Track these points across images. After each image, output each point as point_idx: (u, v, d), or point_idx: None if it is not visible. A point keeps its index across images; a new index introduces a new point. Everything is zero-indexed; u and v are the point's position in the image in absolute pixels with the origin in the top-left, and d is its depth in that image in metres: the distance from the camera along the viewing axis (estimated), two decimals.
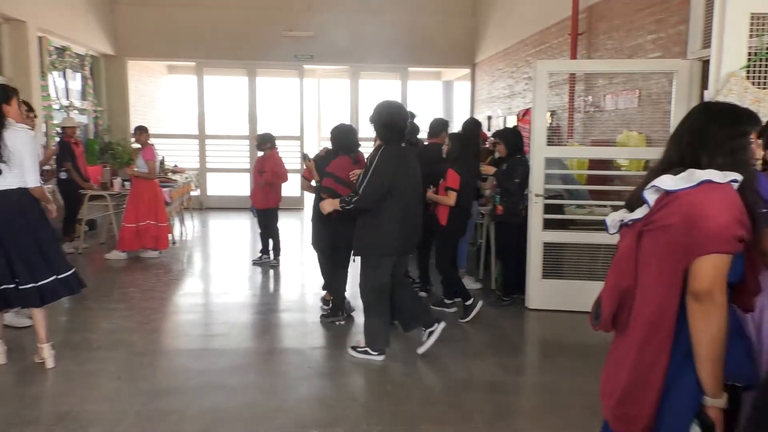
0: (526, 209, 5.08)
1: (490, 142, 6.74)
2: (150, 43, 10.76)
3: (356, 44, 10.92)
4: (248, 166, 11.01)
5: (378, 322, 4.09)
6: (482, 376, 3.85)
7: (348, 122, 5.62)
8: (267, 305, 5.41)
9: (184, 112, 13.26)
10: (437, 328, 4.14)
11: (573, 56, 6.66)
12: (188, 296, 5.74)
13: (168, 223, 7.30)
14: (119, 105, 10.77)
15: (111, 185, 7.47)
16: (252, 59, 11.09)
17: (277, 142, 6.78)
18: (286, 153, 6.98)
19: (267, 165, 6.61)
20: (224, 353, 4.15)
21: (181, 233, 8.67)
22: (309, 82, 12.01)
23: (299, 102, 11.39)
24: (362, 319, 4.22)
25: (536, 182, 4.98)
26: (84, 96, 9.91)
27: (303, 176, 5.45)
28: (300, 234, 9.06)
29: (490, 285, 5.85)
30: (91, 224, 8.23)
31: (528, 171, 5.03)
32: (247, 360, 4.09)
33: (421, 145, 5.83)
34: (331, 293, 4.94)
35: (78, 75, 9.74)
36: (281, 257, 6.91)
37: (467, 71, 11.71)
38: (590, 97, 6.53)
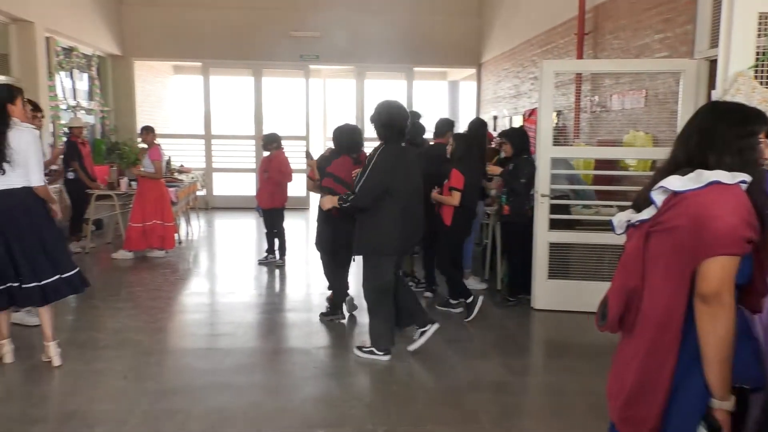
0: (532, 209, 5.07)
1: (497, 142, 6.73)
2: (156, 44, 10.81)
3: (362, 44, 10.93)
4: (254, 166, 11.03)
5: (382, 322, 4.08)
6: (488, 377, 3.85)
7: (353, 122, 5.62)
8: (273, 305, 5.42)
9: (191, 112, 13.29)
10: (430, 329, 4.15)
11: (579, 56, 6.64)
12: (194, 296, 5.76)
13: (174, 223, 7.32)
14: (126, 105, 10.83)
15: (118, 185, 7.49)
16: (258, 59, 11.11)
17: (283, 142, 6.80)
18: (292, 153, 6.98)
19: (272, 165, 6.62)
20: (230, 353, 4.16)
21: (188, 233, 8.69)
22: (314, 82, 12.02)
23: (305, 102, 11.41)
24: (366, 319, 4.22)
25: (542, 182, 4.98)
26: (91, 96, 9.95)
27: (308, 176, 5.46)
28: (306, 234, 9.06)
29: (496, 285, 5.84)
30: (98, 224, 8.26)
31: (534, 171, 5.02)
32: (253, 359, 4.10)
33: (427, 145, 5.84)
34: (333, 292, 4.96)
35: (85, 75, 9.79)
36: (287, 257, 6.92)
37: (473, 71, 11.69)
38: (597, 97, 6.51)
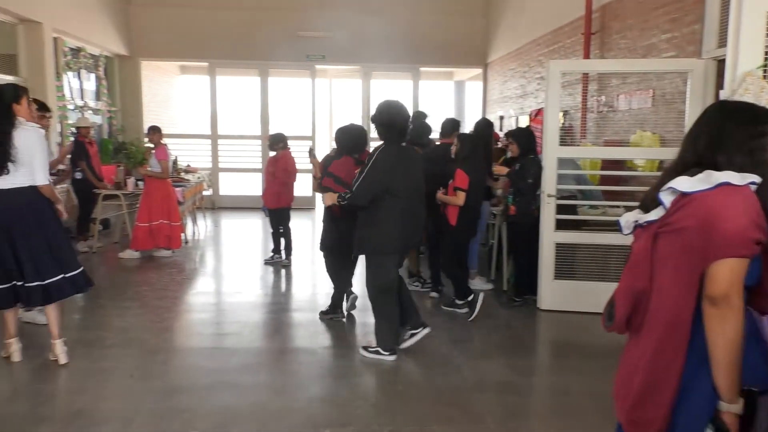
0: (539, 209, 5.06)
1: (503, 142, 6.72)
2: (163, 44, 10.85)
3: (368, 44, 10.93)
4: (260, 166, 11.05)
5: (387, 322, 4.09)
6: (493, 377, 3.84)
7: (359, 122, 5.63)
8: (279, 305, 5.43)
9: (197, 112, 13.34)
10: (420, 332, 4.18)
11: (586, 56, 6.62)
12: (201, 295, 5.77)
13: (181, 223, 7.34)
14: (133, 105, 10.87)
15: (125, 185, 7.52)
16: (264, 59, 11.13)
17: (289, 142, 6.80)
18: (299, 153, 6.99)
19: (279, 165, 6.63)
20: (236, 352, 4.17)
21: (194, 233, 8.72)
22: (321, 82, 12.05)
23: (311, 102, 11.42)
24: (368, 319, 4.22)
25: (548, 182, 4.96)
26: (98, 96, 9.99)
27: (314, 176, 5.48)
28: (312, 234, 9.08)
29: (502, 286, 5.83)
30: (105, 223, 8.30)
31: (541, 171, 5.01)
32: (259, 359, 4.11)
33: (433, 145, 5.83)
34: (334, 291, 4.98)
35: (92, 75, 9.83)
36: (293, 257, 6.93)
37: (479, 71, 11.67)
38: (603, 97, 6.48)
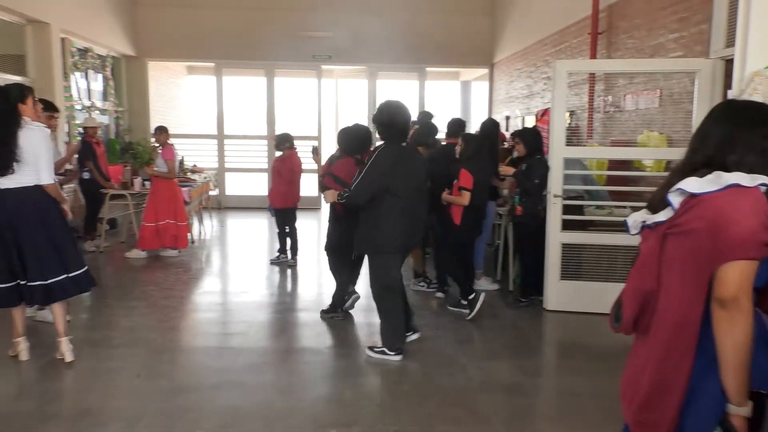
0: (545, 210, 5.05)
1: (509, 143, 6.70)
2: (170, 44, 10.88)
3: (374, 44, 10.93)
4: (266, 166, 11.08)
5: (392, 322, 4.09)
6: (499, 378, 3.84)
7: (365, 122, 5.63)
8: (285, 304, 5.44)
9: (203, 113, 13.39)
10: (411, 337, 4.28)
11: (593, 56, 6.60)
12: (207, 295, 5.79)
13: (187, 222, 7.37)
14: (140, 105, 10.92)
15: (131, 184, 7.56)
16: (270, 60, 11.15)
17: (296, 142, 6.82)
18: (305, 153, 7.00)
19: (285, 165, 6.64)
20: (242, 352, 4.18)
21: (200, 232, 8.74)
22: (327, 83, 12.05)
23: (317, 102, 11.43)
24: (374, 319, 4.22)
25: (555, 183, 4.95)
26: (105, 96, 10.05)
27: (319, 175, 5.50)
28: (318, 234, 9.08)
29: (508, 286, 5.81)
30: (112, 223, 8.34)
31: (547, 171, 4.99)
32: (265, 359, 4.11)
33: (439, 146, 5.82)
34: (335, 290, 5.01)
35: (99, 76, 9.88)
36: (299, 257, 6.94)
37: (485, 71, 11.66)
38: (610, 97, 6.46)
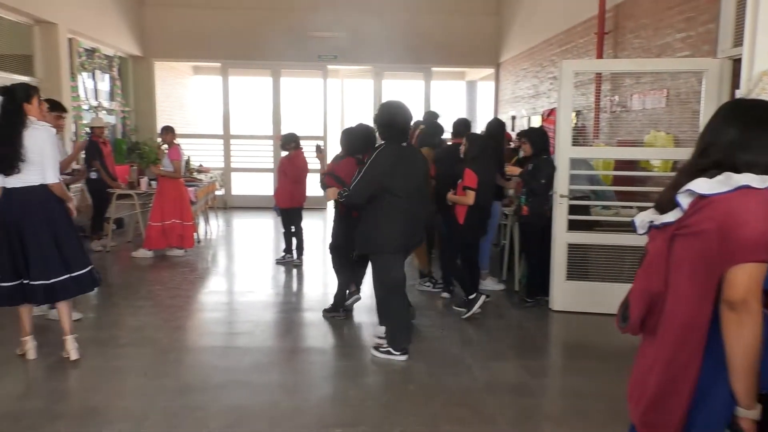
0: (551, 210, 5.03)
1: (515, 142, 6.69)
2: (176, 45, 10.92)
3: (379, 44, 10.92)
4: (272, 166, 11.10)
5: (397, 322, 4.09)
6: (505, 378, 3.83)
7: (370, 123, 5.63)
8: (290, 304, 5.45)
9: (210, 113, 13.41)
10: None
11: (599, 55, 6.57)
12: (213, 294, 5.81)
13: (193, 222, 7.39)
14: (146, 105, 10.96)
15: (138, 184, 7.58)
16: (276, 60, 11.17)
17: (302, 142, 6.84)
18: (310, 153, 7.02)
19: (291, 165, 6.65)
20: (248, 351, 4.19)
21: (206, 232, 8.77)
22: (332, 83, 12.05)
23: (323, 102, 11.45)
24: (375, 319, 4.23)
25: (561, 183, 4.94)
26: (112, 96, 10.09)
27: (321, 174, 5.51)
28: (323, 234, 9.09)
29: (514, 286, 5.80)
30: (119, 223, 8.37)
31: (553, 171, 4.98)
32: (271, 358, 4.12)
33: (445, 146, 5.82)
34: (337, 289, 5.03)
35: (106, 76, 9.92)
36: (304, 256, 6.95)
37: (491, 71, 11.63)
38: (617, 97, 6.43)
